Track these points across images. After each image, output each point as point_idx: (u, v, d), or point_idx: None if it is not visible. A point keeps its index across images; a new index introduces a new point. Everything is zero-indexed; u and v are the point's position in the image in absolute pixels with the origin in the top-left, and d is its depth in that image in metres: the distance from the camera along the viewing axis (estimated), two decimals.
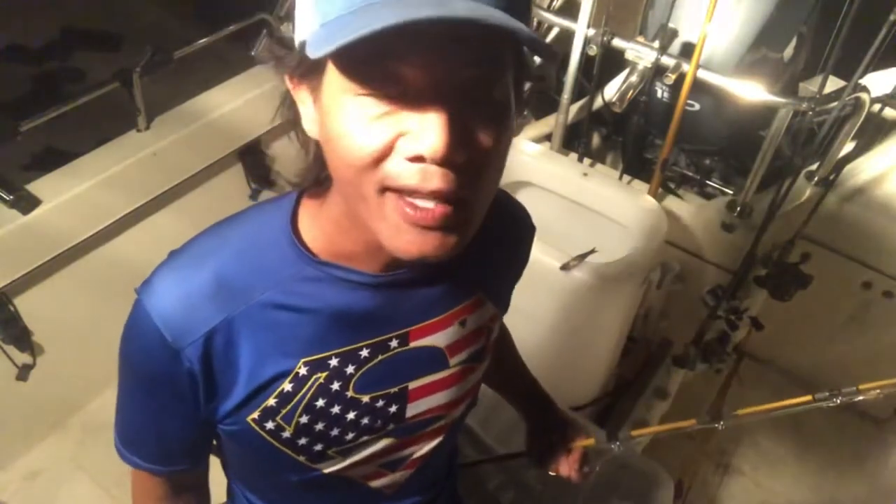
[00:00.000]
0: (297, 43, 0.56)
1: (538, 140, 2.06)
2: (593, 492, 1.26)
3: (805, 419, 2.30)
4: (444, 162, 0.51)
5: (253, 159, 2.13)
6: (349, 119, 0.52)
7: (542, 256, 1.48)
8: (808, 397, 0.83)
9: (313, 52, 0.49)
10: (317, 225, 0.66)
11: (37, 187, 1.72)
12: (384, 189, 0.54)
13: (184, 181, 1.95)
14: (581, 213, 1.68)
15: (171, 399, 0.68)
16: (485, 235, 0.68)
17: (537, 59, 0.54)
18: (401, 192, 0.53)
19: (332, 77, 0.53)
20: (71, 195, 1.73)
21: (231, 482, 0.91)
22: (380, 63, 0.50)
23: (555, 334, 1.62)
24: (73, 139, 2.07)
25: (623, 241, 1.58)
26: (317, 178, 0.64)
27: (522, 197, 1.80)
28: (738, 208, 1.88)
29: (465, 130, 0.52)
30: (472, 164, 0.53)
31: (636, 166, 2.05)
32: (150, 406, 0.71)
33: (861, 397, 0.79)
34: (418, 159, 0.52)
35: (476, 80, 0.52)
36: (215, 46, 2.00)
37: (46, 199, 1.70)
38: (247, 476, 0.86)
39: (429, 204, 0.53)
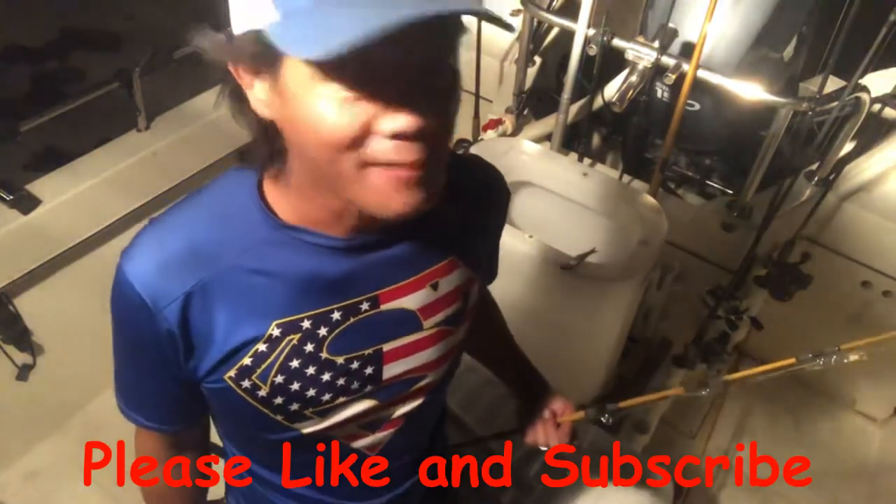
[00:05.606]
0: (240, 30, 0.57)
1: (538, 140, 2.06)
2: (593, 492, 1.26)
3: (805, 419, 2.30)
4: (419, 135, 0.56)
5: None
6: (321, 103, 0.55)
7: (542, 256, 1.48)
8: (792, 360, 0.86)
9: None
10: (281, 193, 0.69)
11: (37, 187, 1.73)
12: (364, 164, 0.57)
13: (184, 181, 1.95)
14: (581, 213, 1.68)
15: (156, 359, 0.71)
16: (454, 199, 0.70)
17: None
18: (382, 164, 0.57)
19: (296, 64, 0.55)
20: (71, 195, 1.74)
21: (223, 442, 0.93)
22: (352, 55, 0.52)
23: (555, 334, 1.62)
24: (73, 139, 2.07)
25: (623, 241, 1.58)
26: (270, 154, 0.66)
27: (522, 197, 1.80)
28: (739, 208, 1.89)
29: (429, 102, 0.57)
30: (436, 129, 0.58)
31: (636, 166, 2.05)
32: (141, 365, 0.75)
33: (847, 360, 0.84)
34: (398, 136, 0.56)
35: (436, 56, 0.56)
36: None
37: (46, 199, 1.70)
38: (233, 436, 0.88)
39: (408, 170, 0.58)
